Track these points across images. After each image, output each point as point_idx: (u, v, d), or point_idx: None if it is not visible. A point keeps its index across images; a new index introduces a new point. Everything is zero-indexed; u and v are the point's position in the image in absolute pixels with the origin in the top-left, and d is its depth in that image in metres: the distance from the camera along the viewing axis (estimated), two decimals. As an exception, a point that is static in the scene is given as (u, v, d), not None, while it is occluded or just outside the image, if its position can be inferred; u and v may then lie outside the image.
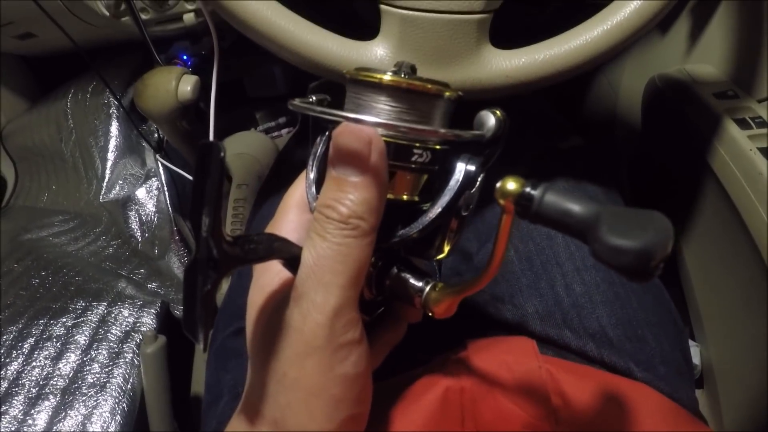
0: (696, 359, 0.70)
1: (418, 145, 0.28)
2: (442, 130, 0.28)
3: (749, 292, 0.59)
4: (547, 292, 0.45)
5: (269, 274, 0.30)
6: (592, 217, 0.21)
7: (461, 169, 0.29)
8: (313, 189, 0.31)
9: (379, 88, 0.28)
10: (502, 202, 0.24)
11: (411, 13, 0.37)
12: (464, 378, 0.36)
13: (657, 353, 0.43)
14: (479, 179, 0.29)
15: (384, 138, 0.27)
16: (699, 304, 0.70)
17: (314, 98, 0.31)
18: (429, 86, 0.28)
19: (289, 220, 0.32)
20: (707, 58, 0.68)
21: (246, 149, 0.90)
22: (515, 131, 0.33)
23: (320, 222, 0.26)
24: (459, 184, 0.29)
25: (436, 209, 0.29)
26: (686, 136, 0.66)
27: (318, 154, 0.31)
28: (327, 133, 0.31)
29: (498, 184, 0.24)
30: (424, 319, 0.33)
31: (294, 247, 0.27)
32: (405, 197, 0.29)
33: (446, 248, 0.30)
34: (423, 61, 0.38)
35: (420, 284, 0.30)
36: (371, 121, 0.26)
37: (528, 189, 0.23)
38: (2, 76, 0.97)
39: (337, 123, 0.27)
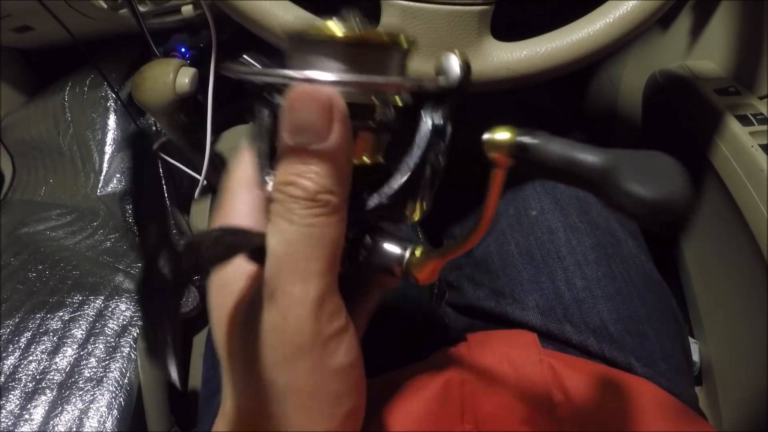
0: (695, 356, 0.70)
1: (378, 102, 0.25)
2: (407, 83, 0.25)
3: (749, 290, 0.59)
4: (548, 287, 0.45)
5: (229, 271, 0.26)
6: (607, 165, 0.19)
7: (427, 122, 0.26)
8: (267, 163, 0.26)
9: (331, 44, 0.24)
10: (494, 155, 0.22)
11: (411, 4, 0.36)
12: (464, 371, 0.36)
13: (658, 349, 0.43)
14: (448, 131, 0.27)
15: (358, 102, 0.24)
16: (698, 301, 0.70)
17: (248, 58, 0.28)
18: (384, 37, 0.25)
19: (239, 201, 0.27)
20: (709, 54, 0.68)
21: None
22: (515, 125, 0.33)
23: (283, 203, 0.22)
24: (427, 139, 0.26)
25: (405, 170, 0.26)
26: (687, 133, 0.66)
27: (265, 125, 0.27)
28: (274, 102, 0.26)
29: (486, 136, 0.22)
30: (425, 313, 0.33)
31: (255, 236, 0.24)
32: (369, 160, 0.26)
33: (420, 209, 0.27)
34: (423, 52, 0.38)
35: (399, 251, 0.28)
36: (328, 79, 0.22)
37: (523, 138, 0.21)
38: (0, 70, 0.96)
39: (285, 87, 0.23)
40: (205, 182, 0.68)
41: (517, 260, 0.47)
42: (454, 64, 0.26)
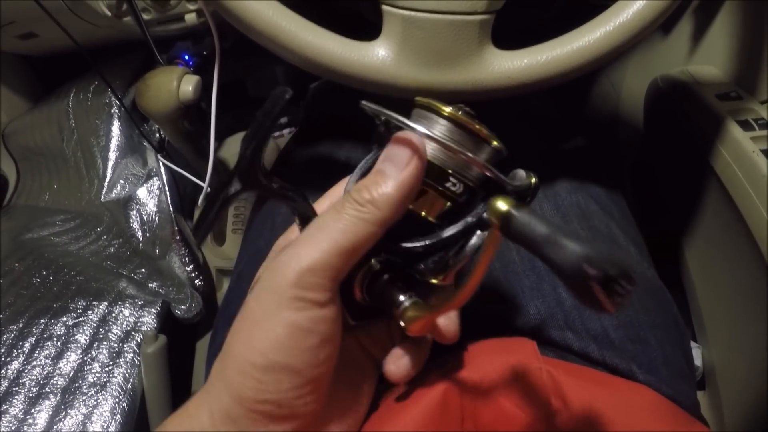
0: (698, 361, 0.70)
1: (454, 173, 0.30)
2: (482, 162, 0.30)
3: (751, 294, 0.59)
4: (549, 294, 0.45)
5: (294, 231, 0.34)
6: (553, 231, 0.22)
7: (481, 209, 0.31)
8: (358, 178, 0.33)
9: (439, 115, 0.30)
10: (492, 219, 0.24)
11: (413, 13, 0.37)
12: (464, 379, 0.36)
13: (659, 355, 0.43)
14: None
15: (429, 158, 0.29)
16: (701, 305, 0.70)
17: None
18: (482, 129, 0.30)
19: (333, 197, 0.35)
20: (710, 59, 0.68)
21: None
22: (518, 132, 0.33)
23: (344, 199, 0.29)
24: (474, 220, 0.31)
25: (445, 233, 0.31)
26: (689, 138, 0.66)
27: (367, 162, 0.34)
28: (377, 150, 0.33)
29: (490, 201, 0.25)
30: None
31: (311, 210, 0.31)
32: (424, 214, 0.31)
33: (440, 276, 0.32)
34: (425, 62, 0.38)
35: (402, 298, 0.31)
36: (426, 132, 0.29)
37: (516, 211, 0.24)
38: (4, 76, 0.97)
39: (397, 130, 0.30)
40: (208, 189, 0.68)
41: (519, 267, 0.47)
42: (525, 178, 0.31)
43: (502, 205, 0.24)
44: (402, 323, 0.30)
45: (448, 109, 0.30)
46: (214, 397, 0.29)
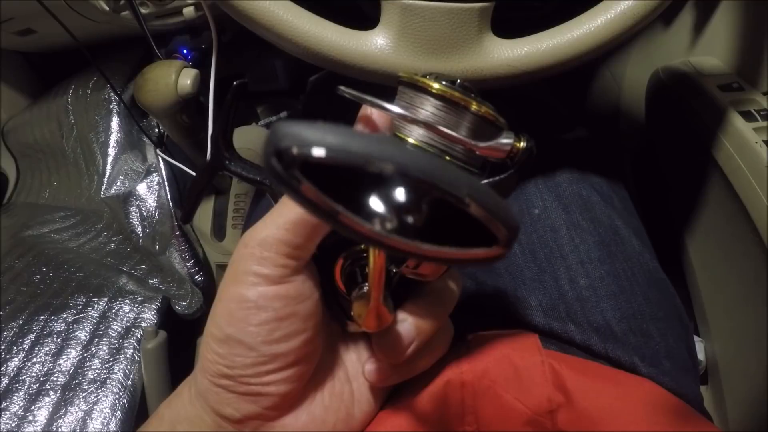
0: (701, 355, 0.69)
1: (432, 150, 0.29)
2: (462, 137, 0.28)
3: (754, 287, 0.59)
4: (550, 285, 0.44)
5: None
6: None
7: None
8: None
9: (418, 90, 0.29)
10: None
11: (411, 1, 0.36)
12: (465, 372, 0.36)
13: (662, 348, 0.43)
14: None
15: (414, 142, 0.29)
16: (703, 299, 0.70)
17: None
18: (449, 91, 0.28)
19: None
20: (712, 50, 0.68)
21: (247, 144, 0.89)
22: (519, 123, 0.33)
23: None
24: None
25: None
26: (691, 129, 0.66)
27: None
28: None
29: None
30: None
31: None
32: None
33: (404, 266, 0.30)
34: (424, 50, 0.38)
35: (357, 289, 0.29)
36: (387, 107, 0.28)
37: None
38: (3, 73, 0.96)
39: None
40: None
41: (520, 259, 0.46)
42: (507, 137, 0.30)
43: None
44: (354, 316, 0.29)
45: (431, 83, 0.29)
46: (193, 376, 0.30)
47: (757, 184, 0.55)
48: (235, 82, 0.29)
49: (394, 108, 0.27)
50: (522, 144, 0.30)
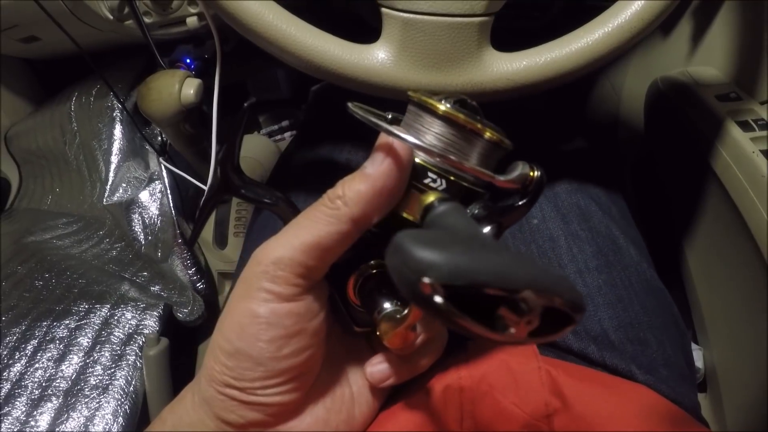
0: (699, 363, 0.70)
1: (436, 171, 0.29)
2: (467, 165, 0.28)
3: (752, 295, 0.59)
4: None
5: None
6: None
7: (473, 209, 0.30)
8: None
9: (427, 112, 0.29)
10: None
11: (412, 16, 0.37)
12: (463, 378, 0.36)
13: (659, 356, 0.43)
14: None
15: (421, 162, 0.29)
16: (702, 306, 0.70)
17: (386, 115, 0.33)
18: (474, 123, 0.28)
19: None
20: (710, 60, 0.68)
21: (249, 153, 0.90)
22: (518, 133, 0.33)
23: (319, 199, 0.29)
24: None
25: None
26: (689, 139, 0.66)
27: None
28: None
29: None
30: None
31: (291, 211, 0.32)
32: (410, 218, 0.30)
33: None
34: (425, 64, 0.38)
35: (386, 305, 0.30)
36: (408, 139, 0.27)
37: None
38: (6, 80, 0.97)
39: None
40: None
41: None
42: (522, 168, 0.30)
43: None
44: (378, 331, 0.30)
45: (439, 106, 0.29)
46: (196, 381, 0.30)
47: (754, 193, 0.55)
48: (245, 104, 0.29)
49: (416, 141, 0.27)
50: (535, 174, 0.31)
